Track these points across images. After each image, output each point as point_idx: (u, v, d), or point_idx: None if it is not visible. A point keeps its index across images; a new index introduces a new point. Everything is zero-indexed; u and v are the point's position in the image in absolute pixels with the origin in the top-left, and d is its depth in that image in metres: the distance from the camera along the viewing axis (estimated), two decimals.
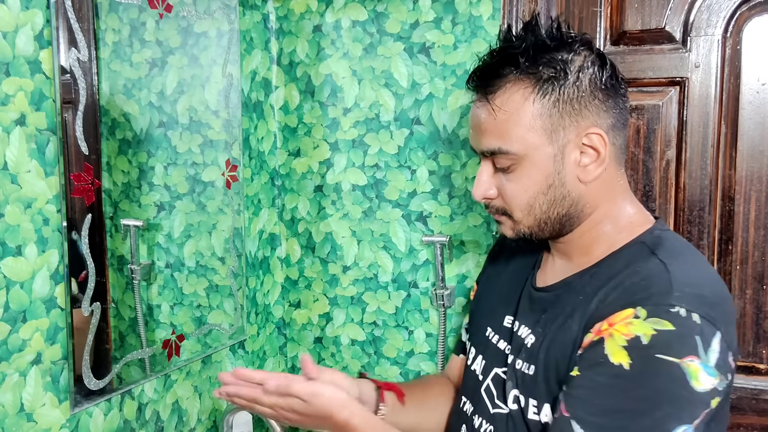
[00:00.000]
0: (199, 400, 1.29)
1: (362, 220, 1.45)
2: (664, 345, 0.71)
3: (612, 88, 0.84)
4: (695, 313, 0.72)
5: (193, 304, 1.26)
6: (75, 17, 0.98)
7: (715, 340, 0.72)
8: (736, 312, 1.23)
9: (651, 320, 0.72)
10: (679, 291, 0.73)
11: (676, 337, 0.71)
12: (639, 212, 0.88)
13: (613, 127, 0.85)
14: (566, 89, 0.82)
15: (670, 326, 0.71)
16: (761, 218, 1.21)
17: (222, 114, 1.31)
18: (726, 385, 0.74)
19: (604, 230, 0.87)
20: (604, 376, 0.73)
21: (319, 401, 0.85)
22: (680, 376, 0.70)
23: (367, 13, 1.40)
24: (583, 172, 0.84)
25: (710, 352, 0.71)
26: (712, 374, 0.71)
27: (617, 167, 0.87)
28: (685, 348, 0.71)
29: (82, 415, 1.04)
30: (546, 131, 0.82)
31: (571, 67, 0.82)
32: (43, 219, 0.96)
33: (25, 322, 0.94)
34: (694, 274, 0.78)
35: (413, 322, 1.43)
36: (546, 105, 0.82)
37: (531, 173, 0.84)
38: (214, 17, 1.28)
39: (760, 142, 1.19)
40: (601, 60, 0.85)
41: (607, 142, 0.83)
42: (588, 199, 0.85)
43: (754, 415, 1.22)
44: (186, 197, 1.23)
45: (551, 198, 0.84)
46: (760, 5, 1.17)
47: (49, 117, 0.96)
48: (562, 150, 0.83)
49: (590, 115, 0.83)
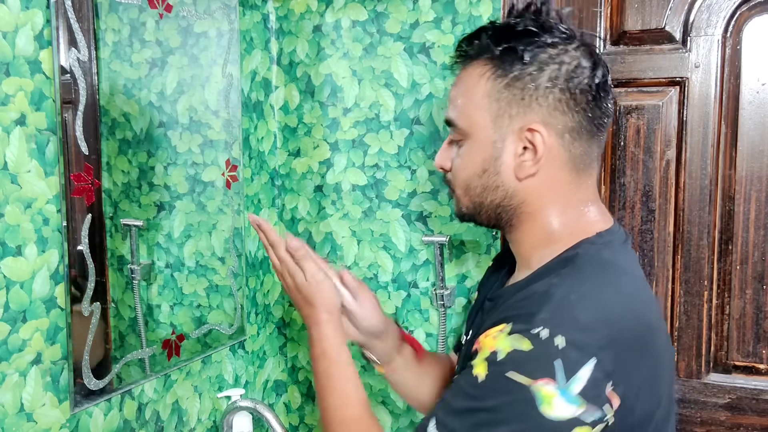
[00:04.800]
0: (199, 400, 1.29)
1: (362, 220, 1.45)
2: (516, 364, 0.68)
3: (585, 93, 0.78)
4: (560, 337, 0.67)
5: (193, 304, 1.26)
6: (75, 17, 0.98)
7: (584, 368, 0.67)
8: (732, 317, 1.23)
9: (512, 337, 0.69)
10: (549, 312, 0.69)
11: (530, 358, 0.68)
12: (586, 223, 0.81)
13: (572, 131, 0.79)
14: (522, 77, 0.78)
15: (528, 346, 0.68)
16: (761, 218, 1.21)
17: (222, 114, 1.31)
18: (599, 417, 0.67)
19: (542, 240, 0.82)
20: (465, 383, 0.72)
21: (315, 288, 0.91)
22: (528, 399, 0.67)
23: (367, 13, 1.40)
24: (519, 167, 0.80)
25: (574, 379, 0.66)
26: (572, 402, 0.66)
27: (571, 174, 0.80)
28: (539, 371, 0.67)
29: (82, 415, 1.04)
30: (491, 114, 0.80)
31: (533, 56, 0.78)
32: (43, 219, 0.96)
33: (25, 322, 0.94)
34: (585, 296, 0.71)
35: (413, 322, 1.43)
36: (497, 87, 0.79)
37: (471, 152, 0.82)
38: (214, 17, 1.28)
39: (760, 142, 1.19)
40: (586, 62, 0.79)
41: (546, 143, 0.78)
42: (524, 197, 0.81)
43: (754, 415, 1.22)
44: (186, 197, 1.23)
45: (485, 183, 0.82)
46: (760, 5, 1.17)
47: (49, 117, 0.96)
48: (503, 138, 0.80)
49: (541, 111, 0.78)
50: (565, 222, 0.81)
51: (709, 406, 1.25)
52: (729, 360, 1.25)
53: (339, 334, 0.92)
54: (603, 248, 0.78)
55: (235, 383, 1.39)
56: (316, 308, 0.92)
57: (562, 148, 0.79)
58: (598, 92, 0.79)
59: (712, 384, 1.25)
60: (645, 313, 0.75)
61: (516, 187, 0.81)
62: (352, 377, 0.89)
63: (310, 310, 0.92)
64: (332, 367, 0.89)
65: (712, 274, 1.24)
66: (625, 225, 1.29)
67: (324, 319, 0.91)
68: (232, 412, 1.22)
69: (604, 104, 0.80)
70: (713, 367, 1.26)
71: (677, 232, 1.25)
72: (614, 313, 0.70)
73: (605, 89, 0.80)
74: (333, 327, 0.91)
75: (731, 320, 1.24)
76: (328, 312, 0.92)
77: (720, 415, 1.25)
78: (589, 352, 0.67)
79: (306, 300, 0.93)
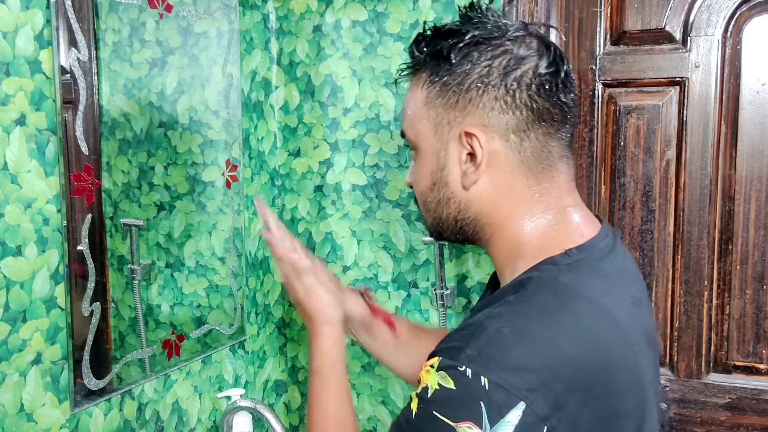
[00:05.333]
0: (199, 400, 1.29)
1: (362, 220, 1.45)
2: (441, 403, 0.63)
3: (526, 88, 0.71)
4: (484, 377, 0.61)
5: (193, 304, 1.26)
6: (75, 17, 0.98)
7: (513, 411, 0.60)
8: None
9: (439, 374, 0.64)
10: (476, 349, 0.63)
11: (454, 398, 0.62)
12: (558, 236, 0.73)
13: (518, 131, 0.72)
14: (452, 80, 0.72)
15: (452, 385, 0.62)
16: (761, 218, 1.21)
17: (222, 114, 1.31)
18: None
19: (513, 253, 0.75)
20: (402, 417, 0.68)
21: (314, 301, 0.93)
22: None
23: (367, 13, 1.40)
24: (464, 176, 0.74)
25: (502, 423, 0.60)
26: None
27: (528, 178, 0.73)
28: (462, 412, 0.61)
29: (82, 415, 1.04)
30: (431, 122, 0.75)
31: (462, 56, 0.72)
32: (43, 219, 0.96)
33: (25, 322, 0.94)
34: (522, 330, 0.64)
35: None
36: (431, 93, 0.74)
37: (421, 166, 0.78)
38: (214, 17, 1.28)
39: (760, 142, 1.19)
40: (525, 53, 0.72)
41: (487, 146, 0.72)
42: (479, 207, 0.75)
43: (755, 415, 1.22)
44: (186, 197, 1.23)
45: (436, 197, 0.77)
46: (760, 5, 1.17)
47: (49, 117, 0.96)
48: (446, 146, 0.75)
49: (477, 113, 0.72)
50: (534, 233, 0.73)
51: (709, 406, 1.25)
52: (729, 360, 1.25)
53: (336, 348, 0.92)
54: (565, 270, 0.69)
55: (235, 383, 1.39)
56: (314, 322, 0.93)
57: (509, 150, 0.72)
58: (543, 84, 0.71)
59: (712, 384, 1.25)
60: (600, 348, 0.65)
61: (467, 197, 0.75)
62: (336, 396, 0.89)
63: (310, 323, 0.94)
64: (322, 386, 0.90)
65: (712, 274, 1.24)
66: (625, 225, 1.29)
67: (322, 332, 0.92)
68: (232, 412, 1.22)
69: (555, 96, 0.72)
70: (713, 367, 1.26)
71: (677, 232, 1.25)
72: (556, 349, 0.63)
73: (556, 80, 0.72)
74: (331, 341, 0.92)
75: (731, 320, 1.24)
76: (327, 324, 0.93)
77: (720, 415, 1.25)
78: (517, 394, 0.60)
79: (306, 313, 0.95)
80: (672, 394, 1.28)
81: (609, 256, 0.73)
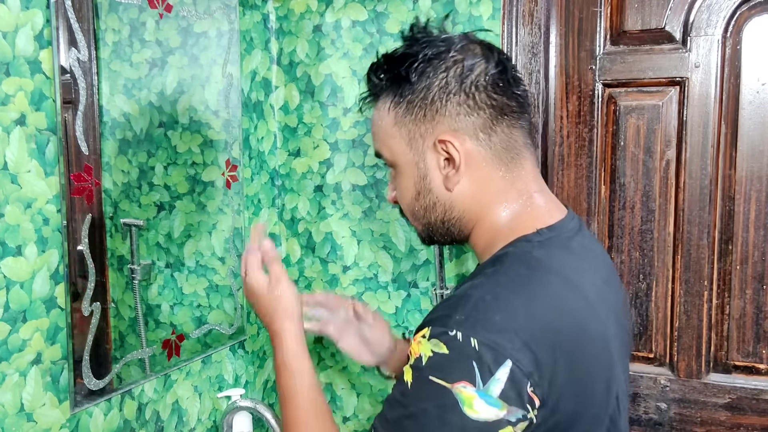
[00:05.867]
0: (199, 400, 1.29)
1: (362, 220, 1.45)
2: (436, 368, 0.68)
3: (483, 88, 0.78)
4: (474, 338, 0.67)
5: (193, 304, 1.26)
6: (75, 17, 0.98)
7: (502, 369, 0.66)
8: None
9: (432, 342, 0.69)
10: (464, 314, 0.69)
11: (449, 361, 0.68)
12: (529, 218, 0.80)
13: (485, 129, 0.79)
14: (415, 97, 0.79)
15: (445, 350, 0.68)
16: (761, 218, 1.21)
17: (222, 114, 1.31)
18: (522, 416, 0.67)
19: (491, 239, 0.81)
20: (396, 391, 0.73)
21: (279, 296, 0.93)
22: (452, 402, 0.67)
23: (367, 13, 1.40)
24: (447, 179, 0.81)
25: (493, 381, 0.66)
26: (493, 404, 0.66)
27: (501, 169, 0.80)
28: (457, 373, 0.67)
29: (82, 415, 1.04)
30: (404, 139, 0.82)
31: (419, 74, 0.79)
32: (43, 219, 0.96)
33: (25, 322, 0.94)
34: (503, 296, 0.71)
35: (413, 322, 1.43)
36: (399, 114, 0.81)
37: (403, 180, 0.84)
38: (214, 17, 1.28)
39: (760, 142, 1.19)
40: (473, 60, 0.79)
41: (462, 148, 0.78)
42: (463, 205, 0.81)
43: (755, 415, 1.22)
44: (186, 197, 1.23)
45: (423, 204, 0.83)
46: (760, 5, 1.17)
47: (49, 117, 0.96)
48: (423, 157, 0.81)
49: (446, 121, 0.79)
50: (508, 218, 0.80)
51: (709, 406, 1.25)
52: (729, 360, 1.25)
53: (300, 343, 0.92)
54: (537, 247, 0.76)
55: (235, 383, 1.39)
56: (276, 318, 0.93)
57: (481, 147, 0.79)
58: (496, 83, 0.79)
59: (712, 384, 1.25)
60: (570, 315, 0.72)
61: (451, 198, 0.81)
62: (306, 388, 0.89)
63: (269, 319, 0.94)
64: (291, 379, 0.90)
65: (712, 274, 1.24)
66: (625, 225, 1.29)
67: (284, 328, 0.92)
68: (232, 412, 1.22)
69: (509, 90, 0.80)
70: (713, 367, 1.26)
71: (677, 232, 1.26)
72: (531, 315, 0.69)
73: (506, 77, 0.80)
74: (294, 337, 0.92)
75: (731, 320, 1.24)
76: (289, 319, 0.93)
77: (720, 415, 1.25)
78: (504, 353, 0.66)
79: (266, 308, 0.94)
80: (672, 394, 1.28)
81: (577, 236, 0.81)
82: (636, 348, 1.31)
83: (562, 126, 1.31)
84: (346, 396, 1.51)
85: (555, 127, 1.31)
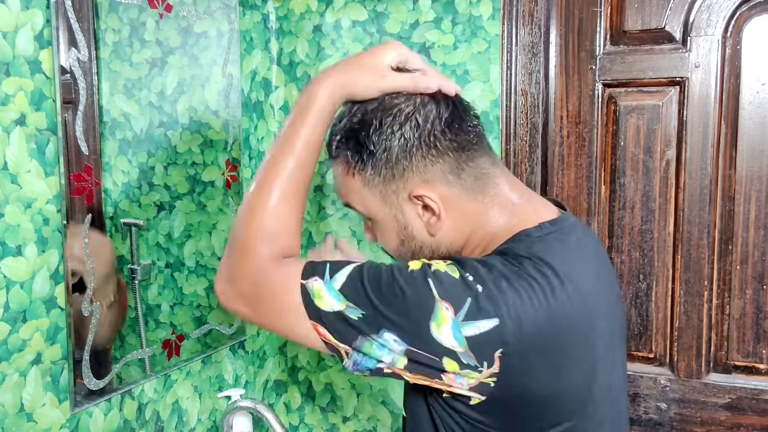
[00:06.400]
0: (199, 400, 1.29)
1: (362, 220, 1.45)
2: (438, 279, 0.72)
3: (441, 135, 0.79)
4: (482, 287, 0.72)
5: (193, 304, 1.26)
6: (75, 17, 0.98)
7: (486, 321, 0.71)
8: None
9: (449, 265, 0.74)
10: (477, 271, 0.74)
11: (451, 282, 0.72)
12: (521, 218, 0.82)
13: (453, 171, 0.80)
14: (378, 162, 0.80)
15: (457, 275, 0.73)
16: (761, 218, 1.21)
17: (222, 114, 1.31)
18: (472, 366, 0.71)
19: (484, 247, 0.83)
20: (395, 266, 0.76)
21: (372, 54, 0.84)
22: (428, 310, 0.71)
23: (367, 13, 1.40)
24: (429, 225, 0.82)
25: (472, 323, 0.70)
26: (457, 339, 0.70)
27: (477, 199, 0.82)
28: (450, 295, 0.71)
29: (82, 415, 1.04)
30: (377, 198, 0.83)
31: (377, 141, 0.80)
32: (43, 219, 0.96)
33: (25, 322, 0.94)
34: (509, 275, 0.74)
35: None
36: (366, 178, 0.82)
37: (384, 231, 0.86)
38: (214, 17, 1.28)
39: (760, 142, 1.19)
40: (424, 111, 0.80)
41: (435, 198, 0.80)
42: (449, 240, 0.83)
43: (755, 415, 1.23)
44: (186, 197, 1.23)
45: (409, 248, 0.85)
46: (760, 5, 1.17)
47: (49, 117, 0.96)
48: (401, 209, 0.82)
49: (416, 175, 0.80)
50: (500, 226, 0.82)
51: (709, 406, 1.25)
52: (729, 360, 1.25)
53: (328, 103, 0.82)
54: (537, 241, 0.78)
55: (235, 383, 1.39)
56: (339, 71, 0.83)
57: (454, 188, 0.81)
58: (452, 124, 0.80)
59: (712, 384, 1.25)
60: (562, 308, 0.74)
61: (437, 240, 0.83)
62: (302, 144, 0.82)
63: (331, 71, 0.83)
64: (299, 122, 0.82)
65: (712, 274, 1.24)
66: (625, 225, 1.29)
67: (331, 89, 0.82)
68: (232, 412, 1.22)
69: (464, 127, 0.81)
70: (713, 367, 1.26)
71: (677, 232, 1.25)
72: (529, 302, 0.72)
73: (458, 113, 0.81)
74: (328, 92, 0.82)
75: (731, 320, 1.24)
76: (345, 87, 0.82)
77: (720, 415, 1.25)
78: (497, 313, 0.70)
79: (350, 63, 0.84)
80: (672, 394, 1.28)
81: (575, 232, 0.83)
82: (636, 348, 1.31)
83: (562, 126, 1.31)
84: (346, 396, 1.51)
85: (555, 127, 1.31)
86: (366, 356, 0.75)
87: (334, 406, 1.53)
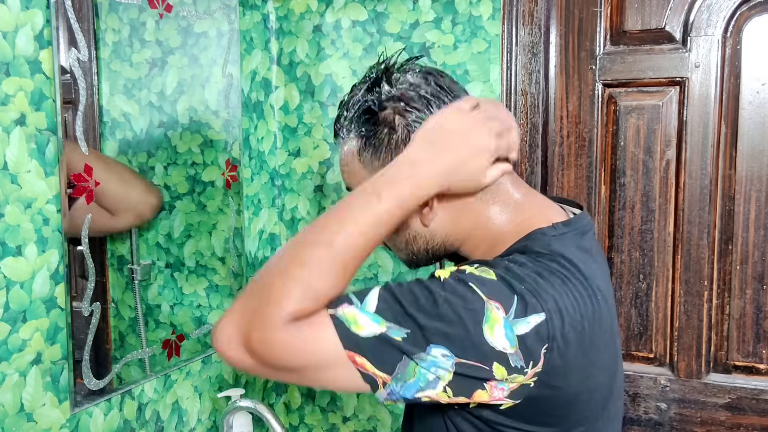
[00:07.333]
0: (199, 400, 1.29)
1: None
2: (479, 281, 0.69)
3: None
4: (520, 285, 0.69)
5: (193, 304, 1.26)
6: (75, 17, 0.98)
7: (536, 315, 0.68)
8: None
9: (477, 268, 0.71)
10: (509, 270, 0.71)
11: (492, 284, 0.69)
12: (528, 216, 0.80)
13: None
14: (383, 143, 0.79)
15: (493, 276, 0.69)
16: (761, 218, 1.21)
17: (222, 114, 1.31)
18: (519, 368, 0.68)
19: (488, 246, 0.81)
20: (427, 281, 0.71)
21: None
22: (478, 313, 0.67)
23: (367, 13, 1.40)
24: (421, 216, 0.81)
25: (524, 320, 0.67)
26: (510, 340, 0.67)
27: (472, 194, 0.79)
28: (496, 295, 0.68)
29: (82, 415, 1.04)
30: None
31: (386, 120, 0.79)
32: (43, 219, 0.96)
33: (25, 322, 0.94)
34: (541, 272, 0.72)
35: None
36: (367, 158, 0.81)
37: None
38: (214, 17, 1.28)
39: (760, 142, 1.19)
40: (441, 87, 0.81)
41: None
42: (444, 233, 0.82)
43: (755, 415, 1.22)
44: (186, 197, 1.23)
45: (404, 239, 0.83)
46: (760, 5, 1.17)
47: (49, 117, 0.96)
48: None
49: None
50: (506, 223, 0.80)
51: (709, 406, 1.25)
52: (729, 360, 1.25)
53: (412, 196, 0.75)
54: (553, 241, 0.76)
55: (235, 383, 1.39)
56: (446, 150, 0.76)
57: None
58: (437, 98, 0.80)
59: (712, 384, 1.25)
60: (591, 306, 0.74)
61: (431, 230, 0.82)
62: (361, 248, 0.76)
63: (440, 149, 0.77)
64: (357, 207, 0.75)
65: (712, 274, 1.24)
66: (625, 225, 1.29)
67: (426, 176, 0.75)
68: (232, 412, 1.22)
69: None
70: (713, 367, 1.26)
71: (677, 232, 1.26)
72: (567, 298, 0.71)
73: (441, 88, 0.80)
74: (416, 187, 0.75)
75: (731, 320, 1.24)
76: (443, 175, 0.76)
77: (720, 415, 1.25)
78: (544, 307, 0.68)
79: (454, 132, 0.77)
80: (672, 394, 1.28)
81: (588, 234, 0.82)
82: (636, 348, 1.31)
83: (562, 126, 1.31)
84: (346, 396, 1.51)
85: (555, 127, 1.31)
86: (405, 383, 0.69)
87: (334, 406, 1.53)
